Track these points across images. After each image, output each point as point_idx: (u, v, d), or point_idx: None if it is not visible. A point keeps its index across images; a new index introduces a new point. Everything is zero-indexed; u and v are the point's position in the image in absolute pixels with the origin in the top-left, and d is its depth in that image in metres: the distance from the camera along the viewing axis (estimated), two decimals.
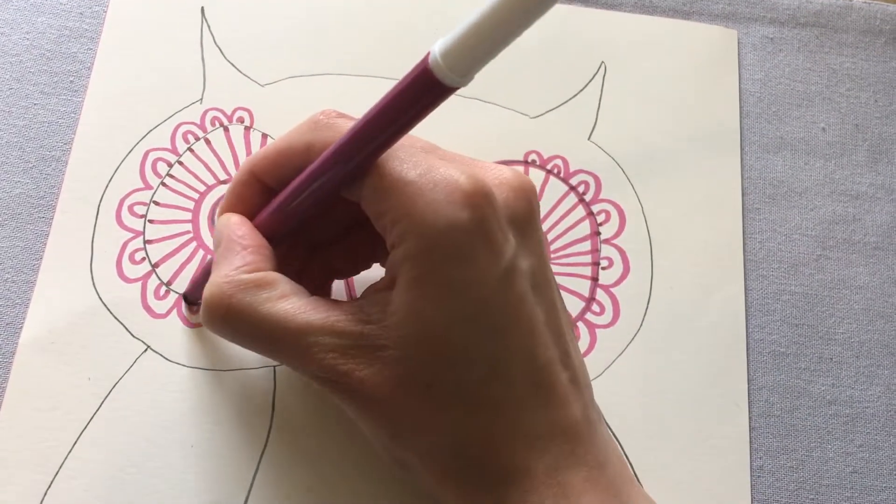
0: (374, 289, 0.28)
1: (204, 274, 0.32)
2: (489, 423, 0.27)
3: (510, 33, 0.22)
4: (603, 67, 0.41)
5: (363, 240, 0.32)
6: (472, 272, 0.26)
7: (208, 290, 0.28)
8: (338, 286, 0.35)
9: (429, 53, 0.23)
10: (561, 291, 0.32)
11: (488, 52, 0.22)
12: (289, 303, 0.27)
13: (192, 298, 0.34)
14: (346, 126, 0.27)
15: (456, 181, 0.26)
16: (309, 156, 0.28)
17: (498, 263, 0.26)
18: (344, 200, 0.28)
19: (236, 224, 0.30)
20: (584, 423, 0.28)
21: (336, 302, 0.28)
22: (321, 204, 0.28)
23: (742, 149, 0.40)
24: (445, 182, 0.26)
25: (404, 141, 0.26)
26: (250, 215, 0.30)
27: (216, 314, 0.28)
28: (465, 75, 0.23)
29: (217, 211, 0.32)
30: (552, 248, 0.38)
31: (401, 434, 0.27)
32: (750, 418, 0.36)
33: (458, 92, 0.39)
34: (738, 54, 0.42)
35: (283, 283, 0.28)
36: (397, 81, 0.24)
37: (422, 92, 0.23)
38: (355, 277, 0.35)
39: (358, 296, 0.31)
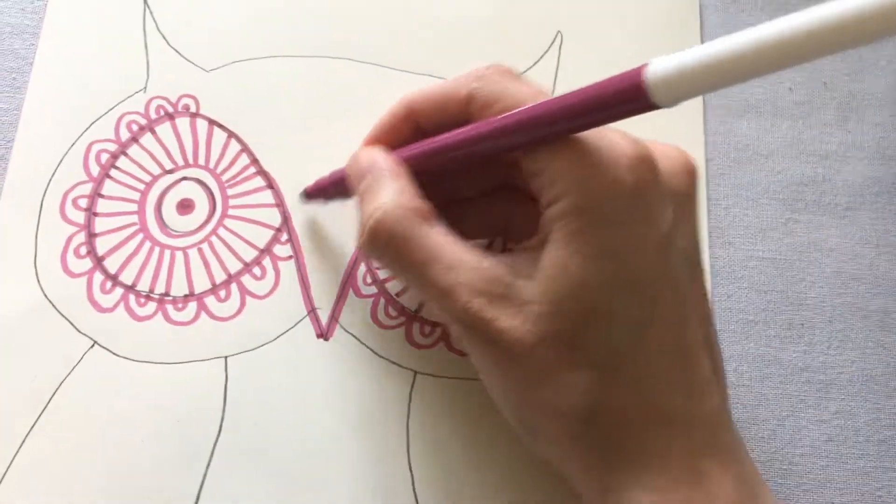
0: (523, 247, 0.28)
1: (333, 181, 0.33)
2: (627, 393, 0.26)
3: (742, 78, 0.21)
4: (559, 37, 0.40)
5: (496, 208, 0.32)
6: (628, 237, 0.26)
7: (374, 212, 0.28)
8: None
9: (644, 68, 0.22)
10: None
11: (710, 89, 0.22)
12: (446, 238, 0.28)
13: (310, 195, 0.35)
14: (510, 85, 0.28)
15: (622, 146, 0.26)
16: (468, 106, 0.28)
17: (654, 233, 0.26)
18: (493, 162, 0.29)
19: (384, 156, 0.30)
20: (722, 415, 0.27)
21: (487, 252, 0.28)
22: (477, 161, 0.28)
23: (705, 113, 0.39)
24: (611, 146, 0.26)
25: None
26: (393, 148, 0.31)
27: (381, 236, 0.28)
28: (678, 101, 0.23)
29: (363, 141, 0.32)
30: None
31: (534, 391, 0.26)
32: None
33: (411, 68, 0.38)
34: (700, 16, 0.41)
35: (439, 218, 0.28)
36: (599, 81, 0.24)
37: (626, 101, 0.23)
38: None
39: None
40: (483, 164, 0.30)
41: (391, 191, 0.28)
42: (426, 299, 0.28)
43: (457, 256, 0.27)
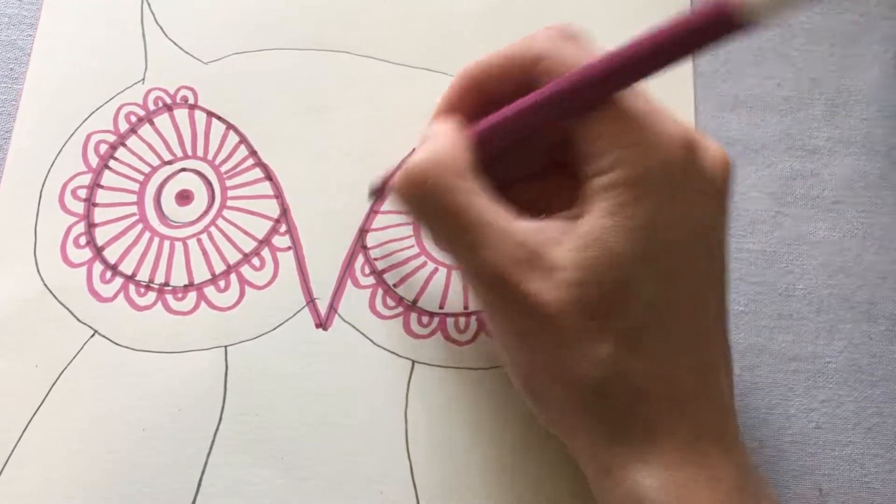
0: (559, 215, 0.28)
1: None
2: (642, 368, 0.26)
3: None
4: None
5: (544, 187, 0.32)
6: (668, 215, 0.26)
7: (412, 163, 0.28)
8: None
9: None
10: None
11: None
12: (479, 197, 0.27)
13: (373, 192, 0.35)
14: (572, 46, 0.28)
15: (673, 125, 0.26)
16: (536, 67, 0.28)
17: (690, 216, 0.26)
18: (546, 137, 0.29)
19: (439, 123, 0.30)
20: (729, 402, 0.28)
21: (521, 216, 0.28)
22: (543, 126, 0.28)
23: (696, 109, 0.39)
24: (663, 123, 0.26)
25: None
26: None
27: (414, 185, 0.28)
28: (768, 13, 0.22)
29: (429, 118, 0.31)
30: None
31: (551, 358, 0.27)
32: None
33: (408, 62, 0.39)
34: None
35: (478, 181, 0.28)
36: (670, 18, 0.24)
37: (709, 27, 0.23)
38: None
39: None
40: (538, 138, 0.30)
41: (433, 145, 0.28)
42: (451, 254, 0.28)
43: (488, 214, 0.27)
